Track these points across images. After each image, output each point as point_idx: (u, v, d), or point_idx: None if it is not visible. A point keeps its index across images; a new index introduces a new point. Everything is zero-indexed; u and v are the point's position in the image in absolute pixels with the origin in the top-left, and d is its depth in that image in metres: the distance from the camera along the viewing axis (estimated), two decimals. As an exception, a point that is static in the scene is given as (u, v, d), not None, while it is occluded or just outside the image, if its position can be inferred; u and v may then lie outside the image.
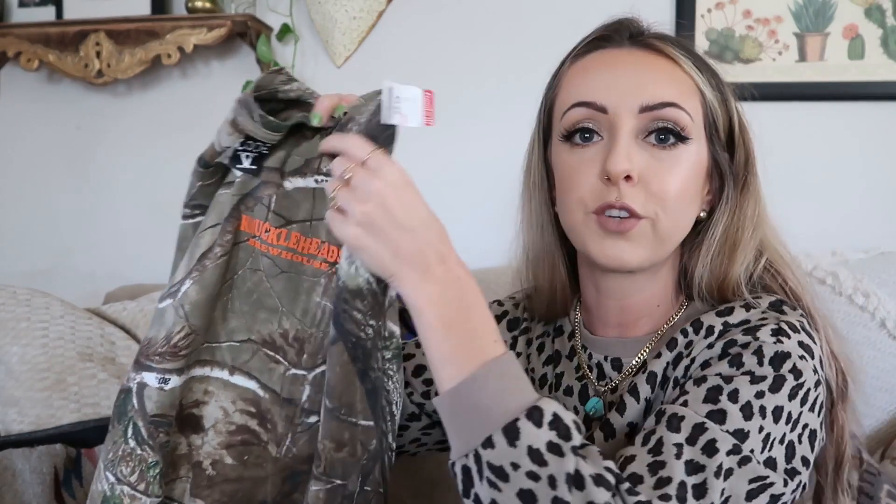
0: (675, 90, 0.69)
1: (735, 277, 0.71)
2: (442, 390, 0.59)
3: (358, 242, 0.60)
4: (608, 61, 0.71)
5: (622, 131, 0.68)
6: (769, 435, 0.60)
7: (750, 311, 0.68)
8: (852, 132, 1.57)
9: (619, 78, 0.69)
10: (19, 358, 1.30)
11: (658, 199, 0.68)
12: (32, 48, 1.72)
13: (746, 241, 0.71)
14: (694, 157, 0.70)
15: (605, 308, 0.77)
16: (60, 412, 1.29)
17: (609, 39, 0.73)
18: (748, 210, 0.72)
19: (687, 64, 0.71)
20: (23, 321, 1.33)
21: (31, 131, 1.87)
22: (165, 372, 0.66)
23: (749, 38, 1.58)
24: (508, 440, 0.54)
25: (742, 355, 0.63)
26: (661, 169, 0.68)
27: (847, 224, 1.56)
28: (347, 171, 0.61)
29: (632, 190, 0.67)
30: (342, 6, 1.66)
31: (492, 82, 1.63)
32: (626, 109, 0.68)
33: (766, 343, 0.63)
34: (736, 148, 0.73)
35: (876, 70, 1.54)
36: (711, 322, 0.69)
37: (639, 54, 0.71)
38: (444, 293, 0.60)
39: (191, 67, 1.79)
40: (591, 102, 0.69)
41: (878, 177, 1.56)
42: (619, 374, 0.75)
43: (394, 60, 1.71)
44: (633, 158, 0.67)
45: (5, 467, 1.18)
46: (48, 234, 1.88)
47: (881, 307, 1.30)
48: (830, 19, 1.55)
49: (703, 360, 0.66)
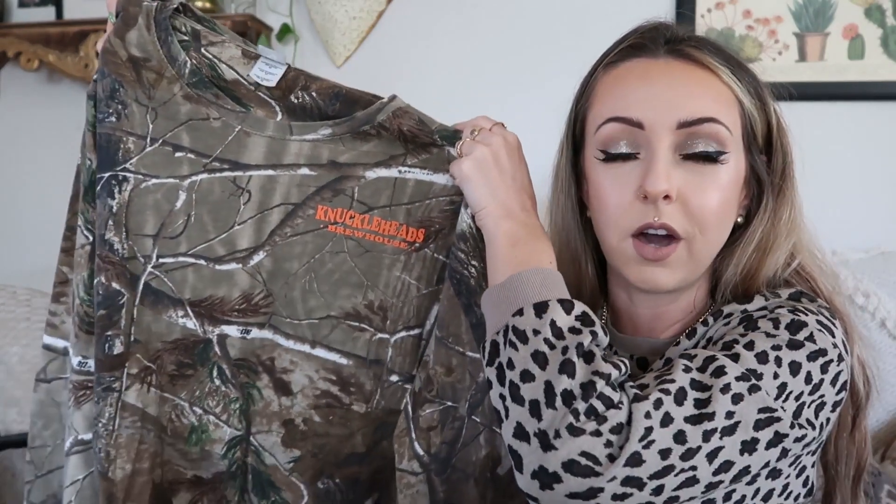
0: (714, 103, 0.67)
1: (762, 278, 0.70)
2: (493, 285, 0.66)
3: (468, 173, 0.70)
4: (644, 73, 0.69)
5: (660, 148, 0.66)
6: (785, 385, 0.60)
7: (769, 300, 0.68)
8: (852, 132, 1.57)
9: (656, 92, 0.67)
10: (19, 358, 1.30)
11: (697, 217, 0.66)
12: (32, 48, 1.72)
13: (779, 245, 0.70)
14: (732, 170, 0.68)
15: (637, 316, 0.76)
16: (60, 412, 1.29)
17: (643, 48, 0.70)
18: (783, 215, 0.71)
19: (725, 73, 0.69)
20: (23, 321, 1.34)
21: (31, 131, 1.87)
22: (247, 325, 0.77)
23: (749, 38, 1.58)
24: (537, 312, 0.61)
25: (758, 321, 0.64)
26: (700, 187, 0.66)
27: (847, 224, 1.56)
28: (476, 131, 0.73)
29: (670, 208, 0.66)
30: (342, 6, 1.67)
31: (492, 82, 1.63)
32: (664, 125, 0.66)
33: (783, 314, 0.64)
34: (774, 152, 0.72)
35: (876, 70, 1.54)
36: (730, 310, 0.69)
37: (675, 65, 0.69)
38: (518, 231, 0.67)
39: (191, 67, 1.79)
40: (628, 118, 0.67)
41: (878, 177, 1.56)
42: (644, 374, 0.74)
43: (394, 60, 1.71)
44: (672, 176, 0.66)
45: (5, 467, 1.18)
46: (48, 234, 1.87)
47: (881, 307, 1.30)
48: (830, 19, 1.55)
49: (720, 336, 0.67)
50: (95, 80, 0.79)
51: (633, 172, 0.67)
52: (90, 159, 0.83)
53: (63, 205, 0.98)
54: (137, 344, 0.77)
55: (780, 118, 0.73)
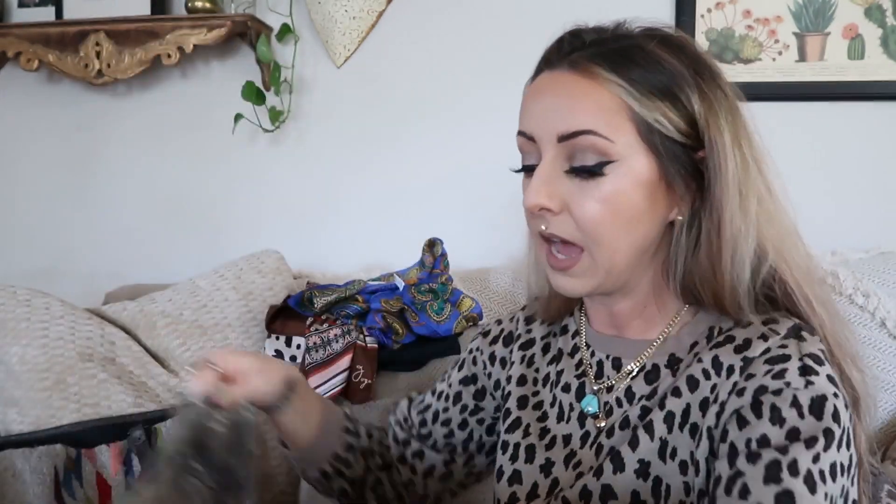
0: (590, 116, 0.67)
1: (730, 282, 0.68)
2: None
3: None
4: (541, 87, 0.71)
5: (544, 161, 0.69)
6: (832, 498, 0.60)
7: (768, 340, 0.66)
8: (852, 132, 1.57)
9: (542, 106, 0.70)
10: (19, 358, 1.30)
11: (584, 228, 0.68)
12: (32, 48, 1.72)
13: (731, 239, 0.67)
14: (624, 178, 0.67)
15: (595, 310, 0.80)
16: (60, 412, 1.29)
17: (549, 62, 0.72)
18: (727, 210, 0.67)
19: (610, 80, 0.67)
20: (23, 321, 1.33)
21: (30, 131, 1.87)
22: None
23: (749, 38, 1.58)
24: None
25: (780, 410, 0.62)
26: (581, 197, 0.67)
27: (847, 224, 1.56)
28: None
29: (557, 220, 0.69)
30: (342, 6, 1.67)
31: (492, 83, 1.63)
32: (547, 139, 0.69)
33: (798, 390, 0.62)
34: (707, 146, 0.68)
35: (876, 70, 1.54)
36: (731, 361, 0.66)
37: (564, 77, 0.69)
38: None
39: (191, 67, 1.79)
40: (523, 132, 0.71)
41: (878, 177, 1.56)
42: (617, 374, 0.75)
43: (394, 60, 1.72)
44: (555, 188, 0.68)
45: (5, 467, 1.18)
46: (48, 234, 1.88)
47: (881, 307, 1.30)
48: (830, 19, 1.55)
49: (735, 411, 0.64)
50: None
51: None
52: None
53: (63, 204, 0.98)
54: None
55: (712, 110, 0.68)
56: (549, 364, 0.84)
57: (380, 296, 1.42)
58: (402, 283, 1.45)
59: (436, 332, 1.39)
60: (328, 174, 1.76)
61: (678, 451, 0.68)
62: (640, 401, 0.72)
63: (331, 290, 1.43)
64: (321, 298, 1.40)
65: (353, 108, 1.74)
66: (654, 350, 0.74)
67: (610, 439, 0.73)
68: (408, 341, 1.40)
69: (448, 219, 1.68)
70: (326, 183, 1.76)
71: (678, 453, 0.68)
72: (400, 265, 1.55)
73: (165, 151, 1.82)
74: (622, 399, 0.74)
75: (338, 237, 1.76)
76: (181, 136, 1.81)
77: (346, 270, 1.65)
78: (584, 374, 0.79)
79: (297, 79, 1.73)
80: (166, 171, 1.83)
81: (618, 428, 0.73)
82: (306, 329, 1.40)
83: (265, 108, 1.71)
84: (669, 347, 0.73)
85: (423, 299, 1.42)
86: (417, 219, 1.69)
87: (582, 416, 0.77)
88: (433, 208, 1.70)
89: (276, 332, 1.42)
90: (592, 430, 0.75)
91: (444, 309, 1.41)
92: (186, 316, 1.44)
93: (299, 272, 1.61)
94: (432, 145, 1.71)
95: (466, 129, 1.68)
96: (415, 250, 1.49)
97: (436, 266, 1.45)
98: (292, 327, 1.42)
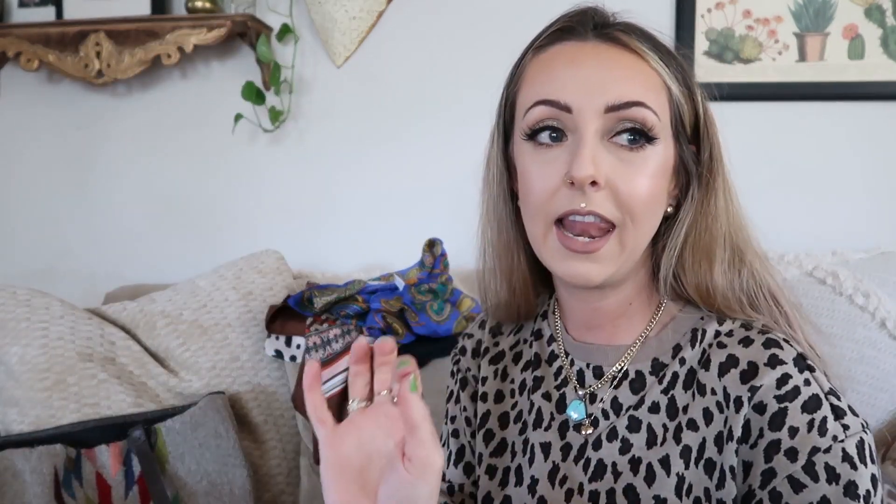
0: (642, 88, 0.65)
1: (717, 282, 0.68)
2: None
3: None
4: (572, 56, 0.67)
5: (587, 133, 0.64)
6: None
7: (776, 368, 0.64)
8: (852, 132, 1.57)
9: (584, 75, 0.65)
10: (19, 358, 1.30)
11: (626, 205, 0.65)
12: (32, 48, 1.72)
13: (713, 238, 0.68)
14: (661, 156, 0.66)
15: (577, 310, 0.75)
16: (60, 412, 1.29)
17: (572, 31, 0.69)
18: (712, 208, 0.69)
19: (653, 59, 0.67)
20: (23, 321, 1.33)
21: (30, 131, 1.87)
22: None
23: (749, 38, 1.58)
24: None
25: (835, 468, 0.61)
26: (628, 172, 0.65)
27: (847, 224, 1.56)
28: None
29: (598, 195, 0.64)
30: (342, 6, 1.67)
31: (492, 83, 1.63)
32: (591, 109, 0.64)
33: (844, 442, 0.61)
34: (702, 143, 0.69)
35: (876, 70, 1.54)
36: (739, 393, 0.64)
37: (603, 48, 0.67)
38: None
39: (191, 67, 1.79)
40: (555, 101, 0.65)
41: (878, 177, 1.56)
42: (599, 382, 0.73)
43: (394, 60, 1.72)
44: (600, 162, 0.64)
45: (5, 467, 1.18)
46: (48, 234, 1.88)
47: (881, 307, 1.30)
48: (830, 19, 1.55)
49: (788, 475, 0.62)
50: None
51: (560, 157, 0.65)
52: None
53: (63, 204, 0.98)
54: None
55: (708, 110, 0.70)
56: (523, 371, 0.81)
57: (380, 296, 1.42)
58: (402, 283, 1.45)
59: (436, 332, 1.39)
60: (328, 174, 1.76)
61: (671, 460, 0.67)
62: (628, 411, 0.70)
63: (331, 290, 1.43)
64: (321, 298, 1.40)
65: (352, 108, 1.74)
66: (636, 353, 0.72)
67: (598, 451, 0.71)
68: (408, 341, 1.40)
69: (450, 218, 1.67)
70: (326, 183, 1.76)
71: (671, 463, 0.67)
72: (400, 265, 1.55)
73: (165, 151, 1.82)
74: (608, 411, 0.71)
75: (338, 237, 1.76)
76: (181, 136, 1.81)
77: (346, 270, 1.65)
78: (565, 382, 0.76)
79: (296, 79, 1.73)
80: (166, 171, 1.83)
81: (605, 440, 0.71)
82: (306, 329, 1.40)
83: (265, 107, 1.71)
84: (651, 351, 0.71)
85: (423, 299, 1.42)
86: (417, 219, 1.69)
87: (563, 427, 0.74)
88: (433, 208, 1.70)
89: (275, 332, 1.42)
90: (575, 442, 0.72)
91: (444, 309, 1.41)
92: (186, 316, 1.44)
93: (299, 272, 1.61)
94: (432, 145, 1.71)
95: (466, 128, 1.67)
96: (415, 250, 1.49)
97: (436, 266, 1.45)
98: (292, 327, 1.42)
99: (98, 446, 1.26)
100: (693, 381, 0.68)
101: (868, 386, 1.27)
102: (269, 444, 1.43)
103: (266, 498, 1.42)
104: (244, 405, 1.42)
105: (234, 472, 1.29)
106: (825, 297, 1.33)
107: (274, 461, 1.43)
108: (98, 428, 1.27)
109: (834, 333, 1.30)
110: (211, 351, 1.41)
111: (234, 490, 1.28)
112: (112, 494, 1.23)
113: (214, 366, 1.41)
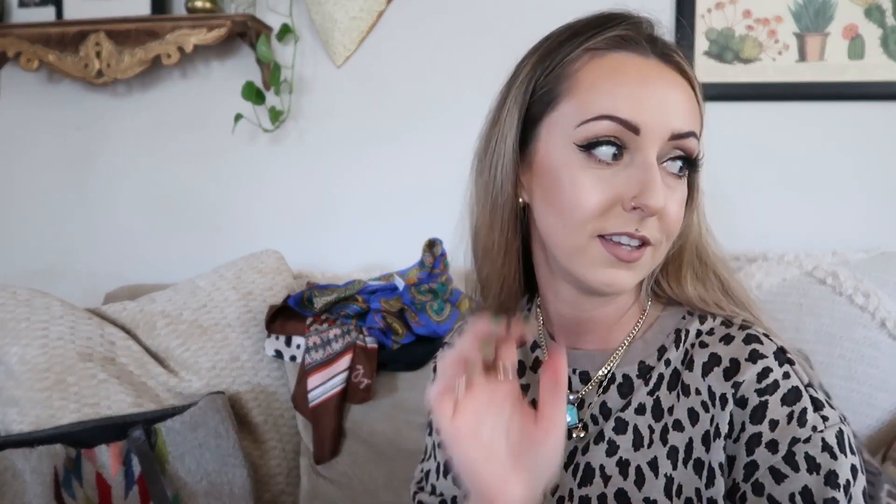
0: (693, 118, 0.66)
1: (688, 291, 0.71)
2: None
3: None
4: (642, 74, 0.64)
5: (651, 157, 0.63)
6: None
7: (756, 362, 0.65)
8: (852, 132, 1.57)
9: (656, 98, 0.63)
10: (19, 358, 1.30)
11: (668, 229, 0.65)
12: (32, 48, 1.72)
13: (703, 242, 0.72)
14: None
15: (568, 318, 0.74)
16: (60, 412, 1.29)
17: (633, 42, 0.66)
18: (700, 212, 0.72)
19: (699, 90, 0.67)
20: (23, 321, 1.33)
21: (30, 131, 1.87)
22: None
23: (749, 38, 1.58)
24: None
25: (815, 458, 0.61)
26: (674, 199, 0.65)
27: (847, 224, 1.56)
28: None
29: (651, 220, 0.64)
30: (342, 6, 1.66)
31: (493, 83, 1.63)
32: (658, 135, 0.63)
33: (823, 432, 0.62)
34: (698, 168, 0.71)
35: (876, 70, 1.54)
36: (724, 390, 0.65)
37: (666, 71, 0.66)
38: None
39: (191, 67, 1.79)
40: (626, 121, 0.62)
41: (878, 177, 1.56)
42: (586, 387, 0.73)
43: (394, 60, 1.72)
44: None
45: (5, 467, 1.18)
46: (48, 234, 1.88)
47: (881, 307, 1.30)
48: (830, 19, 1.55)
49: (770, 466, 0.63)
50: None
51: (619, 176, 0.63)
52: None
53: (63, 204, 0.98)
54: None
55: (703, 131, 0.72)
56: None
57: (379, 296, 1.42)
58: (402, 283, 1.45)
59: (436, 332, 1.39)
60: (328, 174, 1.76)
61: (658, 462, 0.67)
62: (615, 413, 0.70)
63: (331, 290, 1.43)
64: (321, 298, 1.40)
65: (352, 108, 1.74)
66: (622, 356, 0.72)
67: (585, 456, 0.71)
68: (407, 341, 1.40)
69: (450, 219, 1.67)
70: (326, 182, 1.76)
71: (659, 464, 0.67)
72: (400, 265, 1.55)
73: (165, 151, 1.82)
74: (597, 416, 0.71)
75: (338, 237, 1.76)
76: (181, 136, 1.81)
77: (346, 270, 1.65)
78: None
79: (296, 79, 1.73)
80: (166, 171, 1.83)
81: (592, 443, 0.71)
82: (306, 329, 1.40)
83: (265, 107, 1.71)
84: (637, 353, 0.71)
85: (422, 299, 1.42)
86: (417, 219, 1.69)
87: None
88: (433, 208, 1.70)
89: (275, 332, 1.42)
90: (565, 449, 0.71)
91: (444, 309, 1.41)
92: (186, 316, 1.44)
93: (299, 272, 1.61)
94: (432, 145, 1.71)
95: (466, 128, 1.67)
96: (415, 250, 1.49)
97: (436, 266, 1.45)
98: (292, 327, 1.42)
99: (98, 446, 1.26)
100: (677, 381, 0.69)
101: (868, 386, 1.27)
102: (269, 444, 1.43)
103: (266, 498, 1.42)
104: (244, 405, 1.42)
105: (234, 472, 1.29)
106: (825, 297, 1.33)
107: (274, 461, 1.43)
108: (98, 428, 1.27)
109: (834, 333, 1.30)
110: (211, 351, 1.42)
111: (234, 490, 1.28)
112: (112, 494, 1.23)
113: (214, 366, 1.41)
